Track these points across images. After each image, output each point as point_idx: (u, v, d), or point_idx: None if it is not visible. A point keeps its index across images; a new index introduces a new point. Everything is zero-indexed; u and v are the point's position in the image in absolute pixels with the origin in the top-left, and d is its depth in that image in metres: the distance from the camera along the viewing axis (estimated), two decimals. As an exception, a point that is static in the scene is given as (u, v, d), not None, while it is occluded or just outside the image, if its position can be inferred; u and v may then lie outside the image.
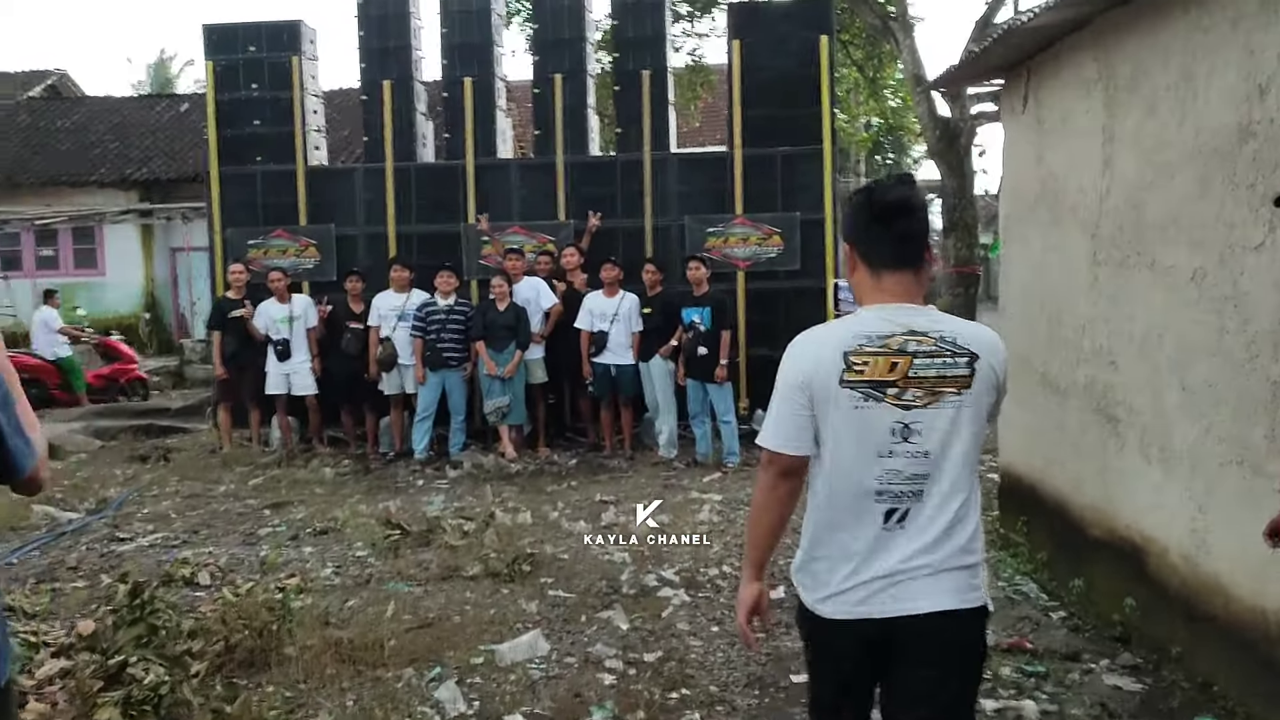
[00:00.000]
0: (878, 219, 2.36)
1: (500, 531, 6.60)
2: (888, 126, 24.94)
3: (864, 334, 2.30)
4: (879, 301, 2.37)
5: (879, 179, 2.56)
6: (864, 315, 2.36)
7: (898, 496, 2.30)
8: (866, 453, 2.30)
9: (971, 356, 2.32)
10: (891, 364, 2.28)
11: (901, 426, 2.29)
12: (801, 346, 2.38)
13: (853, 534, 2.32)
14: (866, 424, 2.29)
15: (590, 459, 9.52)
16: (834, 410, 2.30)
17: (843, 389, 2.29)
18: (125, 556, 6.41)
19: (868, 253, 2.39)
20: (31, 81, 24.71)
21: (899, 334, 2.30)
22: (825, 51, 10.07)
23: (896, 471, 2.29)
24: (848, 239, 2.46)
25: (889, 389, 2.28)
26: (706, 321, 8.89)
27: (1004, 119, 6.47)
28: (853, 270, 2.45)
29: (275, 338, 9.87)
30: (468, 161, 10.50)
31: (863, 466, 2.30)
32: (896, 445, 2.29)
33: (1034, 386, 5.85)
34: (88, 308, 20.06)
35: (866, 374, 2.28)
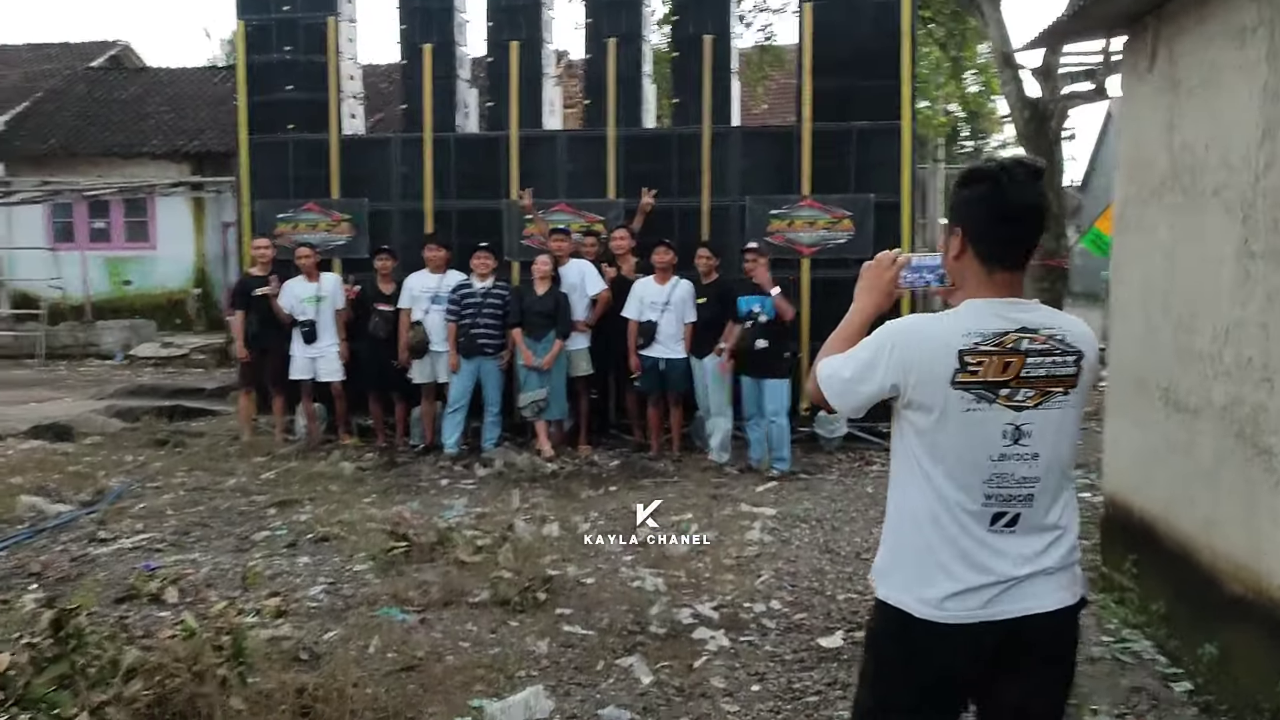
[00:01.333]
0: (1007, 219, 2.21)
1: (518, 548, 5.79)
2: (969, 112, 23.62)
3: (978, 331, 2.18)
4: (988, 295, 2.23)
5: (1007, 164, 2.24)
6: (975, 310, 2.22)
7: (1007, 500, 2.20)
8: (977, 456, 2.19)
9: (1078, 355, 2.23)
10: (1005, 363, 2.17)
11: (1013, 429, 2.19)
12: (907, 337, 2.22)
13: (960, 536, 2.21)
14: (978, 427, 2.18)
15: (634, 461, 8.67)
16: (943, 412, 2.18)
17: (955, 390, 2.17)
18: (99, 562, 5.73)
19: (985, 249, 2.23)
20: (94, 52, 24.57)
21: (1013, 331, 2.18)
22: (907, 16, 9.06)
23: (1007, 475, 2.19)
24: (961, 226, 2.25)
25: (1001, 390, 2.18)
26: (768, 311, 7.98)
27: (1125, 81, 5.46)
28: (956, 256, 2.27)
29: (301, 319, 9.18)
30: (511, 132, 9.69)
31: (971, 470, 2.19)
32: (1008, 448, 2.19)
33: (1152, 403, 4.86)
34: (138, 282, 19.84)
35: (980, 374, 2.17)
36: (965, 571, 2.19)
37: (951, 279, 2.31)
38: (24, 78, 23.11)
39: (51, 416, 10.42)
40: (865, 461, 8.73)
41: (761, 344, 7.96)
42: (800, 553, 6.08)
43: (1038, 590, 2.21)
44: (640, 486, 7.81)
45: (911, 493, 2.26)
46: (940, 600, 2.20)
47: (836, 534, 6.51)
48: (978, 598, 2.19)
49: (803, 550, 6.14)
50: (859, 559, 5.97)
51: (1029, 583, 2.21)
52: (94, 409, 10.90)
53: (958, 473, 2.20)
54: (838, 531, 6.57)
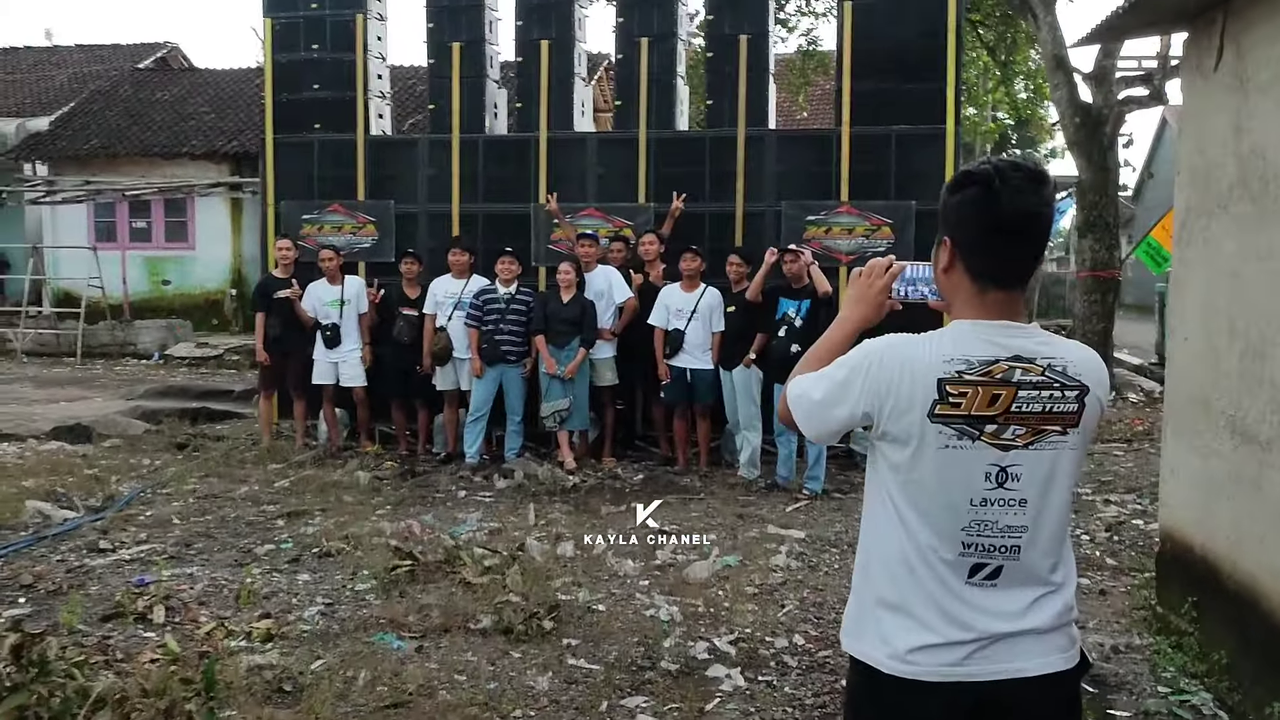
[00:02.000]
0: (1001, 230, 1.90)
1: (528, 569, 5.49)
2: (1018, 118, 23.04)
3: (964, 357, 1.91)
4: (978, 316, 1.95)
5: (1001, 166, 1.91)
6: (961, 333, 1.94)
7: (988, 551, 1.93)
8: (954, 499, 1.92)
9: (1081, 390, 1.93)
10: (993, 396, 1.90)
11: (997, 470, 1.92)
12: (883, 359, 1.94)
13: (934, 587, 1.94)
14: (957, 466, 1.91)
15: (659, 475, 8.35)
16: (917, 448, 1.92)
17: (932, 424, 1.90)
18: (94, 573, 5.51)
19: (977, 264, 1.95)
20: (143, 54, 24.75)
21: (1004, 359, 1.91)
22: (953, 16, 8.66)
23: (989, 522, 1.92)
24: (950, 236, 1.97)
25: (987, 425, 1.90)
26: (803, 314, 7.62)
27: (1186, 81, 5.05)
28: (945, 269, 1.99)
29: (324, 322, 8.98)
30: (541, 134, 9.41)
31: (948, 515, 1.93)
32: (990, 492, 1.92)
33: (1216, 430, 4.45)
34: (177, 281, 19.89)
35: (963, 408, 1.90)
36: (939, 623, 1.94)
37: (940, 291, 2.04)
38: (72, 79, 23.33)
39: (77, 416, 10.31)
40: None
41: (795, 349, 7.60)
42: (828, 580, 5.72)
43: (1023, 651, 1.96)
44: (664, 503, 7.48)
45: (884, 534, 2.00)
46: (907, 653, 1.95)
47: (868, 560, 6.13)
48: (951, 654, 1.94)
49: (831, 578, 5.78)
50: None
51: (1012, 642, 1.95)
52: (119, 410, 10.78)
53: (933, 516, 1.94)
54: (870, 557, 6.18)
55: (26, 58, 24.71)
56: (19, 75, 23.42)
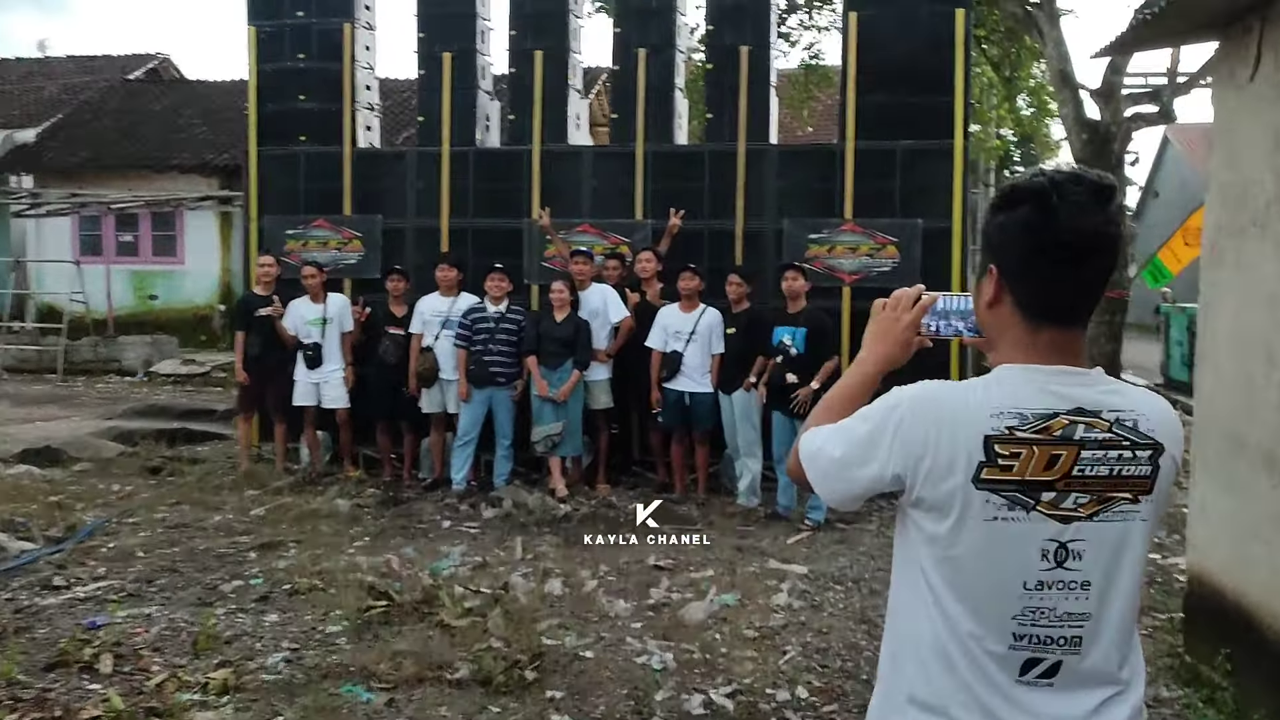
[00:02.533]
0: (1060, 256, 1.57)
1: (511, 611, 5.11)
2: (1023, 135, 22.76)
3: (1016, 410, 1.57)
4: (1030, 360, 1.62)
5: (1059, 178, 1.59)
6: (1012, 380, 1.61)
7: (1044, 643, 1.59)
8: (1004, 581, 1.58)
9: (1155, 449, 1.60)
10: (1051, 457, 1.56)
11: (1056, 547, 1.58)
12: (915, 411, 1.61)
13: (978, 688, 1.60)
14: (1007, 542, 1.58)
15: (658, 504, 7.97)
16: (958, 519, 1.58)
17: (979, 491, 1.56)
18: (44, 614, 5.12)
19: (1029, 296, 1.62)
20: (133, 65, 24.45)
21: (1064, 413, 1.58)
22: (961, 28, 8.35)
23: (1046, 609, 1.58)
24: (996, 263, 1.65)
25: (1044, 493, 1.57)
26: (799, 344, 7.28)
27: (1217, 93, 4.72)
28: (991, 303, 1.66)
29: (305, 341, 8.62)
30: (534, 147, 9.08)
31: (997, 600, 1.59)
32: (1048, 573, 1.58)
33: (1252, 468, 4.11)
34: (165, 296, 19.53)
35: (1016, 471, 1.56)
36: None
37: (984, 329, 1.72)
38: (63, 90, 23.04)
39: (49, 437, 9.93)
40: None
41: (791, 379, 7.26)
42: (833, 622, 5.36)
43: None
44: (660, 533, 7.11)
45: (916, 619, 1.66)
46: None
47: (875, 599, 5.77)
48: None
49: (836, 619, 5.41)
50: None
51: None
52: (94, 431, 10.39)
53: (978, 601, 1.61)
54: (876, 595, 5.82)
55: (16, 69, 24.41)
56: (8, 87, 23.12)
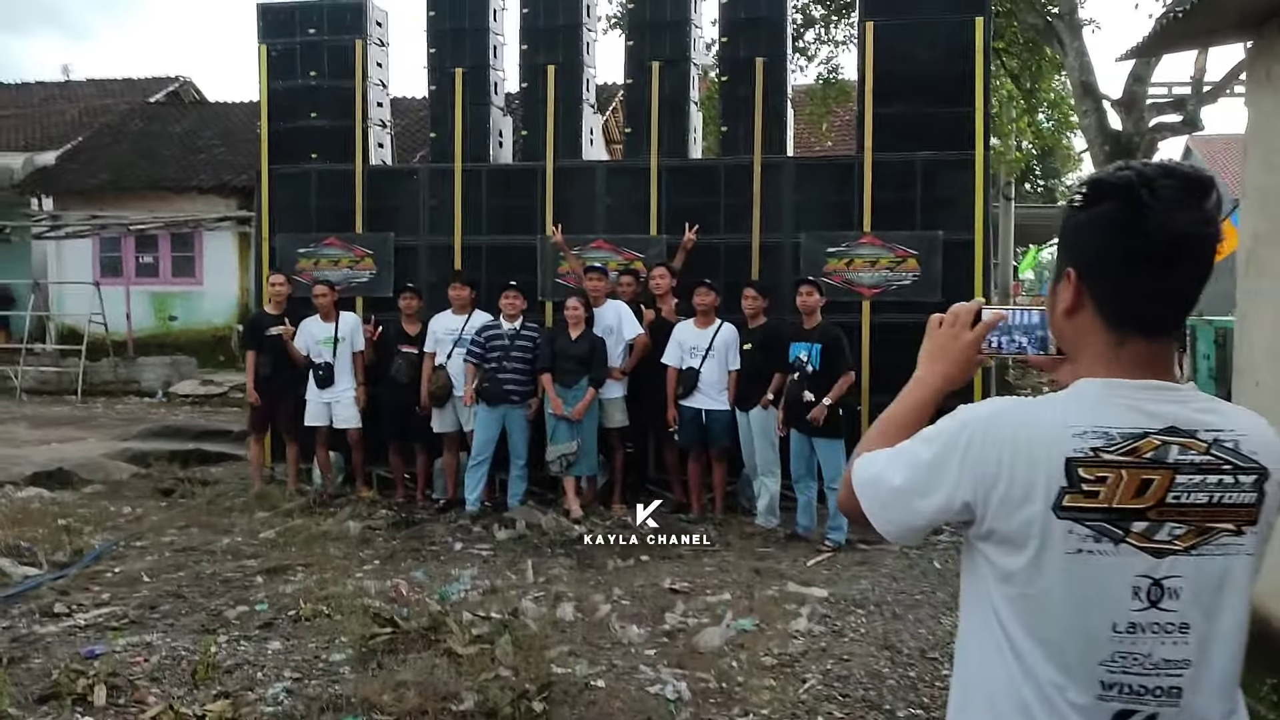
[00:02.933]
0: (1151, 259, 1.40)
1: (521, 638, 4.95)
2: (1044, 148, 22.51)
3: (1100, 428, 1.39)
4: (1114, 374, 1.44)
5: (1148, 171, 1.43)
6: (1095, 396, 1.43)
7: (1137, 694, 1.40)
8: (1091, 624, 1.40)
9: (1260, 474, 1.40)
10: (1142, 482, 1.38)
11: (1150, 584, 1.39)
12: (986, 431, 1.44)
13: None
14: (1093, 579, 1.39)
15: (671, 523, 7.80)
16: (1037, 553, 1.40)
17: (1060, 520, 1.39)
18: (42, 643, 5.00)
19: (1113, 302, 1.45)
20: (154, 88, 24.61)
21: (1154, 432, 1.39)
22: (981, 37, 8.19)
23: (1139, 655, 1.39)
24: (1076, 266, 1.48)
25: (1134, 523, 1.38)
26: (815, 360, 7.10)
27: (1252, 94, 4.54)
28: (1069, 311, 1.50)
29: (316, 361, 8.52)
30: (547, 163, 8.96)
31: (1083, 645, 1.40)
32: (1140, 614, 1.39)
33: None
34: (184, 317, 19.55)
35: (1102, 498, 1.38)
36: None
37: (1060, 345, 1.57)
38: (83, 113, 23.19)
39: (64, 459, 9.87)
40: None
41: (808, 397, 7.08)
42: (855, 648, 5.16)
43: None
44: (675, 555, 6.94)
45: (989, 666, 1.49)
46: None
47: (898, 623, 5.58)
48: None
49: (858, 645, 5.22)
50: (924, 658, 5.04)
51: None
52: (107, 452, 10.32)
53: (1060, 646, 1.43)
54: (899, 620, 5.63)
55: (38, 93, 24.62)
56: (30, 110, 23.31)
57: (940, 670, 4.87)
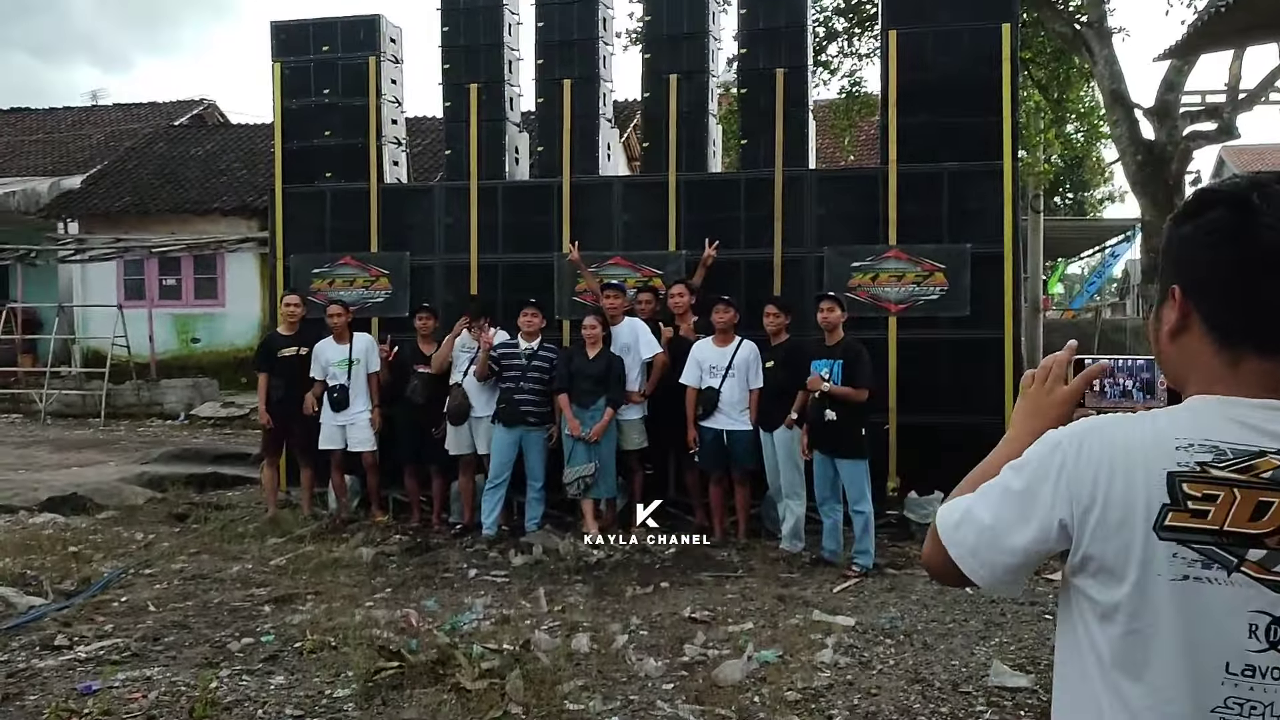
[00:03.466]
0: (1263, 270, 1.26)
1: (533, 672, 4.73)
2: (1073, 158, 22.18)
3: (1209, 444, 1.26)
4: (1229, 393, 1.29)
5: (1261, 178, 1.32)
6: (1204, 411, 1.29)
7: None
8: (1203, 666, 1.23)
9: None
10: (1259, 505, 1.22)
11: (1269, 622, 1.21)
12: (1082, 446, 1.31)
13: None
14: (1204, 610, 1.23)
15: (693, 547, 7.57)
16: (1141, 582, 1.26)
17: (1163, 541, 1.25)
18: (39, 677, 4.83)
19: (1227, 318, 1.31)
20: (178, 111, 24.77)
21: (1273, 452, 1.24)
22: (1008, 44, 7.97)
23: (1257, 705, 1.22)
24: (1181, 283, 1.35)
25: (1250, 550, 1.22)
26: (836, 377, 6.86)
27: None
28: (1174, 331, 1.35)
29: (331, 383, 8.37)
30: (563, 179, 8.80)
31: (1195, 691, 1.24)
32: (1260, 655, 1.22)
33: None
34: (207, 339, 19.55)
35: (1211, 518, 1.23)
36: None
37: (1167, 375, 1.45)
38: (109, 137, 23.37)
39: (82, 483, 9.77)
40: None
41: (830, 416, 6.85)
42: (883, 682, 4.91)
43: None
44: (697, 582, 6.71)
45: (1086, 714, 1.35)
46: None
47: (929, 654, 5.31)
48: None
49: (886, 678, 4.96)
50: (957, 692, 4.78)
51: None
52: (124, 476, 10.22)
53: (1169, 693, 1.27)
54: (930, 651, 5.36)
55: (65, 118, 24.85)
56: (57, 135, 23.50)
57: (974, 706, 4.62)
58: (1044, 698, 4.60)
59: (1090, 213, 36.86)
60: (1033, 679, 4.81)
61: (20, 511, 8.69)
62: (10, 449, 13.21)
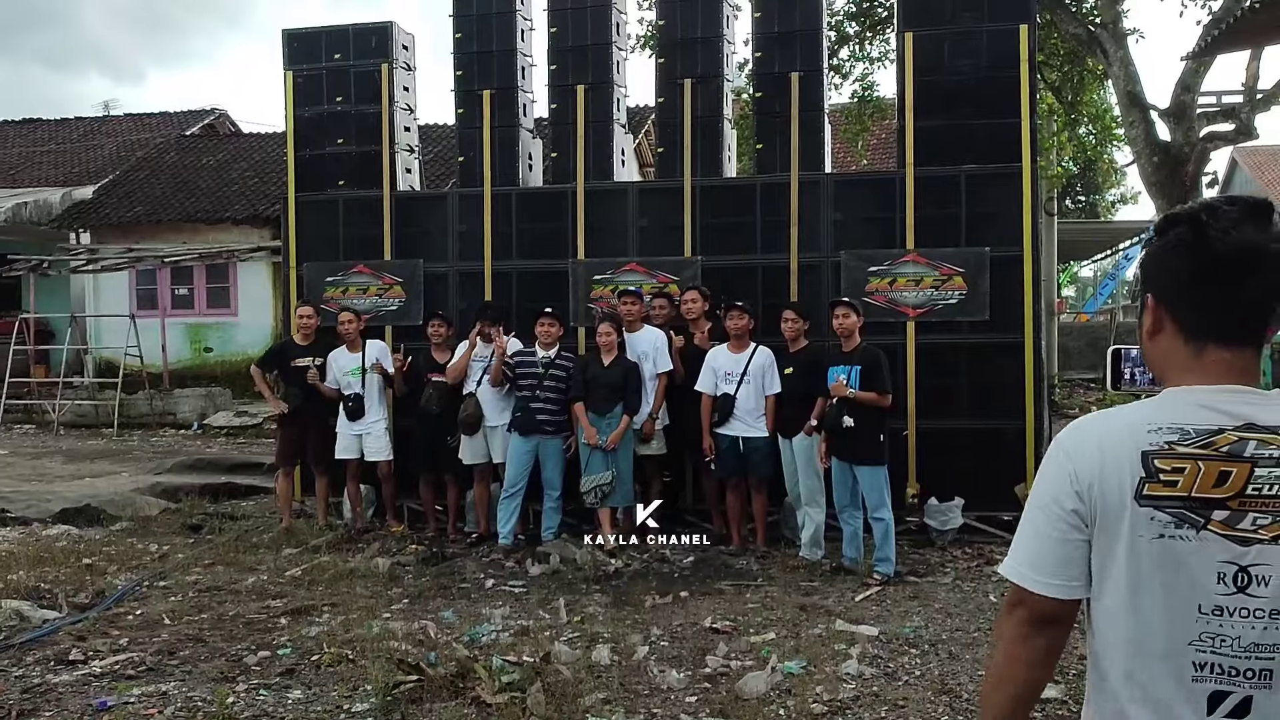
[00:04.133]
0: (1213, 274, 1.55)
1: (553, 685, 4.66)
2: (1086, 161, 22.04)
3: (1175, 426, 1.54)
4: (1196, 382, 1.58)
5: (1212, 201, 1.59)
6: (1172, 399, 1.58)
7: (1230, 675, 1.52)
8: (1178, 607, 1.53)
9: None
10: (1220, 474, 1.51)
11: (1236, 570, 1.50)
12: (1076, 440, 1.62)
13: None
14: (1178, 562, 1.52)
15: (712, 556, 7.50)
16: (1125, 538, 1.55)
17: (1142, 507, 1.53)
18: (54, 693, 4.78)
19: (1188, 318, 1.59)
20: (189, 121, 24.82)
21: (1231, 429, 1.52)
22: (1025, 45, 7.89)
23: (1227, 638, 1.51)
24: (1154, 291, 1.64)
25: (1215, 511, 1.51)
26: (855, 383, 6.78)
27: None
28: (1151, 333, 1.64)
29: (346, 392, 8.33)
30: (578, 185, 8.74)
31: (1172, 628, 1.54)
32: (1227, 598, 1.51)
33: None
34: (219, 349, 19.54)
35: (1180, 486, 1.52)
36: None
37: (1151, 370, 1.71)
38: (120, 147, 23.42)
39: (96, 494, 9.73)
40: (986, 560, 7.39)
41: (848, 422, 6.76)
42: (910, 693, 4.82)
43: None
44: (716, 591, 6.64)
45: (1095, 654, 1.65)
46: None
47: (955, 664, 5.23)
48: None
49: (913, 689, 4.87)
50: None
51: None
52: (138, 487, 10.17)
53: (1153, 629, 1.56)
54: (956, 660, 5.28)
55: (77, 128, 24.91)
56: (69, 145, 23.57)
57: (1004, 718, 4.51)
58: (1074, 708, 4.51)
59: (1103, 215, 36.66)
60: (1062, 689, 4.72)
61: (34, 524, 8.66)
62: (24, 460, 13.20)
